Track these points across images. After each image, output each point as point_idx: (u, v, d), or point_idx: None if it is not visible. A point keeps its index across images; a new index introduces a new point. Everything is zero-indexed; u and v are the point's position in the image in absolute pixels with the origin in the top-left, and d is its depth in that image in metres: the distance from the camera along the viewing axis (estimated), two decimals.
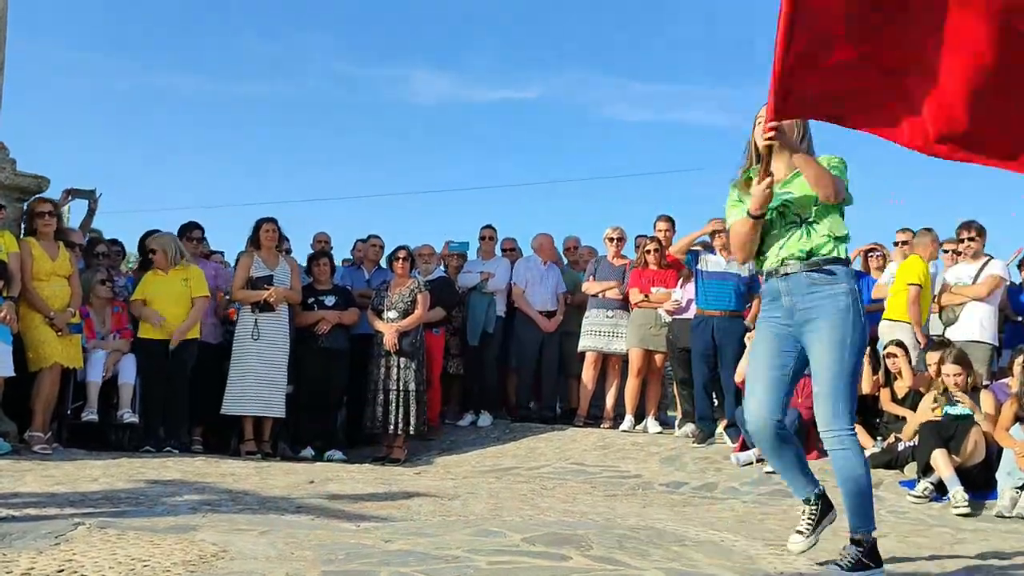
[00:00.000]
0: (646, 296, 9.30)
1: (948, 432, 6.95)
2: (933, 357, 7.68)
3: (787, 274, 4.06)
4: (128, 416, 8.23)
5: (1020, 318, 8.99)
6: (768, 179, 4.00)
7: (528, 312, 9.94)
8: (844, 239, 4.10)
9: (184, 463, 7.24)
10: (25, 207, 8.15)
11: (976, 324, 8.55)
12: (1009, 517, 6.30)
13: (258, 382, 8.62)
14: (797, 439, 4.32)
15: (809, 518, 4.16)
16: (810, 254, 4.03)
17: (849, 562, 3.89)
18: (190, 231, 9.25)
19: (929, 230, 9.05)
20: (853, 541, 3.95)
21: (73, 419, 8.16)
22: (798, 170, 4.07)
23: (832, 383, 3.93)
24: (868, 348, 8.35)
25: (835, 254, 4.04)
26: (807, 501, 4.19)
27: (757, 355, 4.22)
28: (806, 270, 4.02)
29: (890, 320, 8.73)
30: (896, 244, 9.55)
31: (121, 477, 6.12)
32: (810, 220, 4.07)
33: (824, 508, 4.19)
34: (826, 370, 3.94)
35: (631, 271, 9.52)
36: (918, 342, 8.48)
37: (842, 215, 4.13)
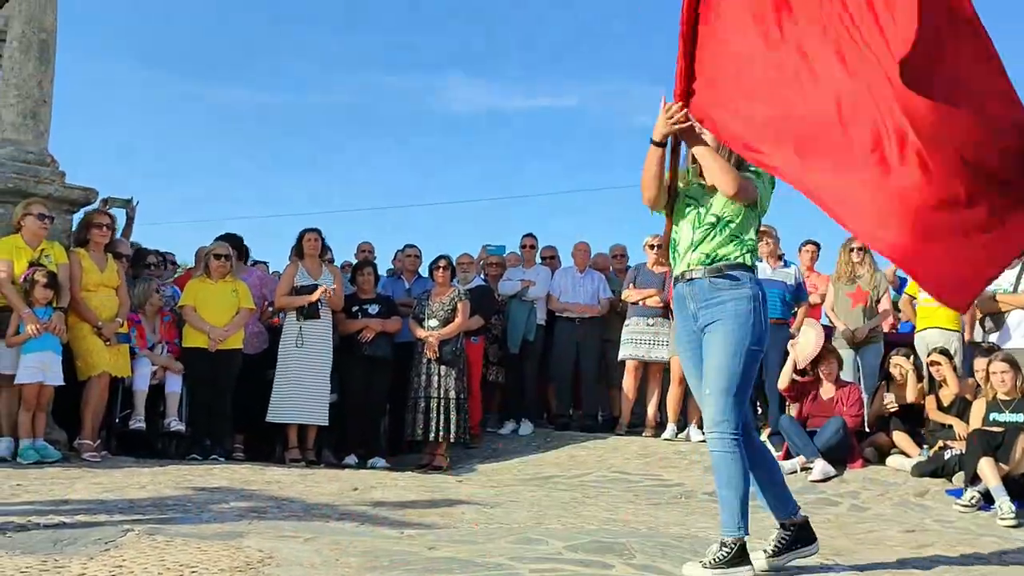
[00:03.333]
0: None
1: (996, 440, 6.86)
2: (981, 363, 7.59)
3: (691, 279, 4.10)
4: (175, 424, 8.34)
5: None
6: (674, 106, 4.01)
7: (565, 307, 9.98)
8: (751, 245, 4.12)
9: (229, 470, 7.32)
10: (73, 219, 8.29)
11: (1020, 331, 8.45)
12: None
13: (302, 390, 8.71)
14: (765, 451, 4.31)
15: (780, 542, 4.14)
16: (715, 259, 4.06)
17: (715, 561, 3.85)
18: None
19: None
20: (721, 541, 3.94)
21: (121, 427, 8.30)
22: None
23: (723, 385, 3.94)
24: (911, 357, 8.32)
25: (741, 260, 4.07)
26: (782, 526, 4.16)
27: (689, 372, 4.25)
28: (709, 276, 4.05)
29: (934, 328, 8.65)
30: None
31: (168, 484, 6.20)
32: (727, 220, 4.09)
33: (801, 537, 4.17)
34: (718, 372, 3.96)
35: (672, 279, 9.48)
36: (968, 345, 8.45)
37: (753, 222, 4.16)
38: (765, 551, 4.10)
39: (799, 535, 4.16)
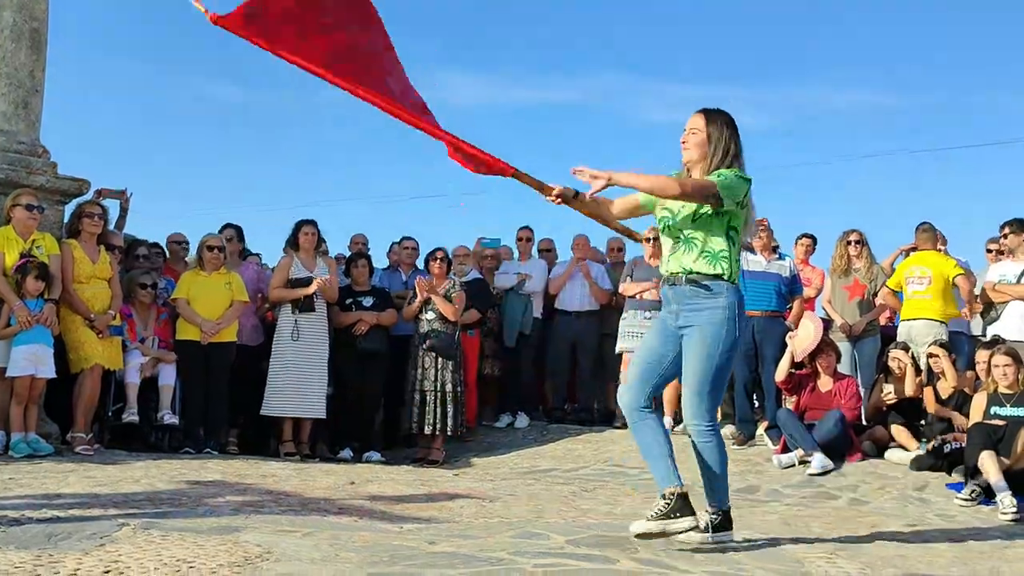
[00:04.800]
0: None
1: (997, 434, 6.82)
2: (983, 356, 7.56)
3: (674, 284, 4.43)
4: (168, 417, 8.27)
5: None
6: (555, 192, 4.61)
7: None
8: (722, 255, 4.34)
9: (224, 464, 7.26)
10: (65, 210, 8.20)
11: (1018, 322, 8.43)
12: None
13: (298, 383, 8.65)
14: (664, 430, 4.56)
15: (659, 509, 4.29)
16: (690, 271, 4.36)
17: (707, 526, 4.37)
18: (223, 232, 9.27)
19: (929, 224, 9.03)
20: (708, 512, 4.43)
21: (114, 420, 8.22)
22: None
23: (699, 385, 4.33)
24: (909, 351, 8.29)
25: (715, 271, 4.34)
26: (663, 495, 4.32)
27: (644, 342, 4.67)
28: (688, 284, 4.37)
29: (920, 319, 8.63)
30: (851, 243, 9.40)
31: (162, 478, 6.13)
32: (689, 236, 4.37)
33: (679, 509, 4.27)
34: (694, 374, 4.34)
35: None
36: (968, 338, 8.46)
37: (724, 230, 4.35)
38: (647, 516, 4.31)
39: (677, 506, 4.29)
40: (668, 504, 4.29)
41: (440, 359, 8.81)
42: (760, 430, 8.76)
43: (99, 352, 7.70)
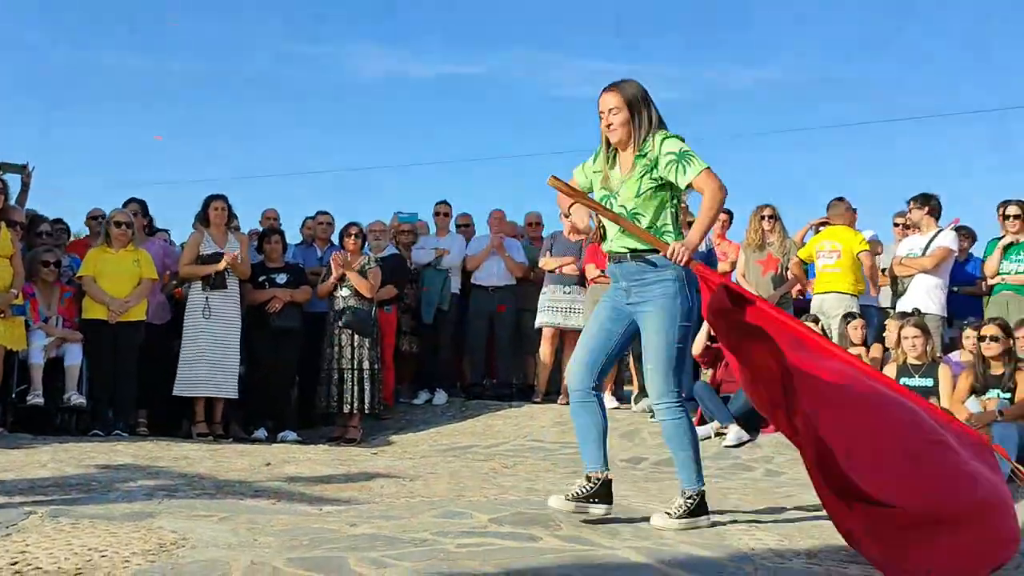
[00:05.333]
0: (603, 271, 9.23)
1: None
2: (893, 327, 7.75)
3: (620, 261, 4.38)
4: (75, 399, 8.05)
5: (955, 289, 9.07)
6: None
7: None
8: (666, 229, 4.30)
9: (135, 447, 7.07)
10: None
11: (924, 296, 8.65)
12: None
13: (210, 362, 8.47)
14: (604, 414, 4.53)
15: (580, 490, 4.33)
16: (634, 249, 4.31)
17: (679, 512, 4.25)
18: (126, 207, 9.00)
19: (842, 199, 9.21)
20: (683, 494, 4.32)
21: (18, 403, 7.95)
22: (631, 167, 4.31)
23: (662, 360, 4.26)
24: (819, 322, 8.45)
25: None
26: (588, 478, 4.37)
27: (594, 320, 4.53)
28: (634, 261, 4.32)
29: (832, 292, 8.80)
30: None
31: (70, 462, 5.94)
32: (636, 212, 4.29)
33: (600, 495, 4.33)
34: (655, 349, 4.27)
35: (587, 247, 9.46)
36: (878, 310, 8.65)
37: (667, 202, 4.32)
38: (566, 495, 4.32)
39: (599, 491, 4.34)
40: (592, 487, 4.30)
41: (356, 336, 8.69)
42: None
43: (1, 332, 7.42)
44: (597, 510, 4.30)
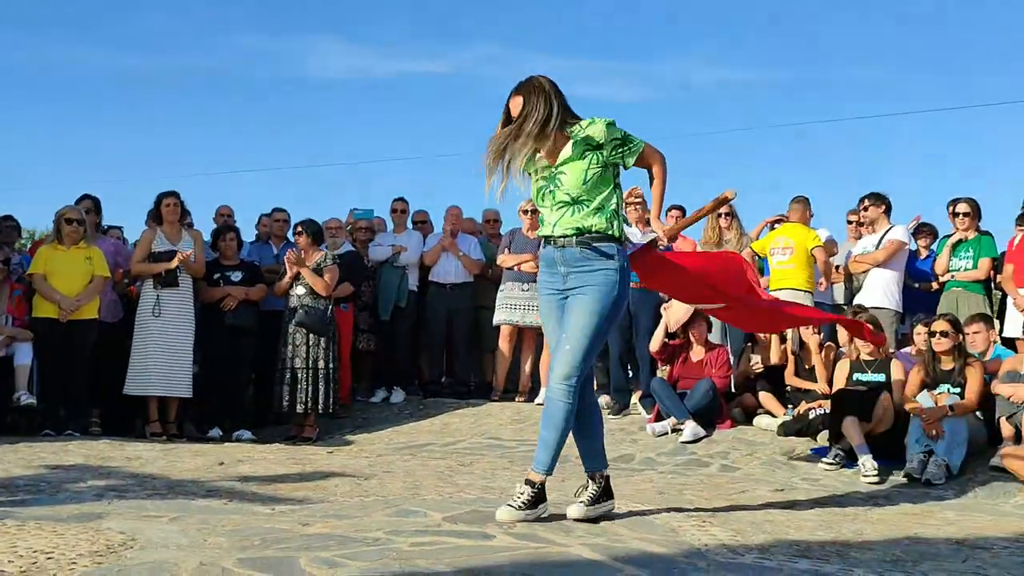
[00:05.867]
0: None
1: (859, 399, 7.06)
2: None
3: (562, 246, 4.29)
4: (25, 398, 7.92)
5: (916, 285, 9.18)
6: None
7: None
8: (613, 211, 4.31)
9: (86, 447, 6.97)
10: None
11: (880, 291, 8.74)
12: (917, 481, 6.44)
13: (162, 361, 8.36)
14: (600, 415, 4.59)
15: (592, 493, 4.37)
16: (582, 230, 4.26)
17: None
18: (79, 204, 8.86)
19: (803, 198, 9.30)
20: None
21: None
22: (570, 155, 4.27)
23: (581, 342, 4.21)
24: None
25: (609, 231, 4.28)
26: (592, 476, 4.43)
27: (547, 322, 4.49)
28: (579, 245, 4.27)
29: (787, 289, 8.85)
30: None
31: (19, 463, 5.84)
32: (581, 199, 4.26)
33: (605, 491, 4.41)
34: (578, 330, 4.22)
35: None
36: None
37: (612, 185, 4.34)
38: (582, 501, 4.32)
39: (606, 489, 4.41)
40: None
41: (312, 335, 8.63)
42: (634, 399, 8.89)
43: None
44: (610, 505, 4.42)
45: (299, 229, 9.03)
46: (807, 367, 8.19)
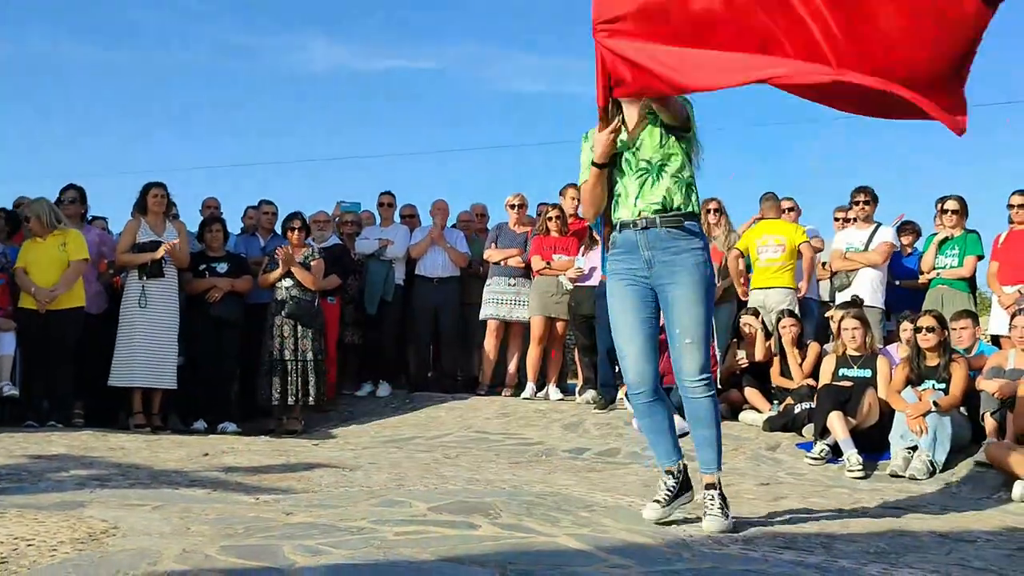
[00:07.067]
0: (548, 264, 9.23)
1: (844, 395, 7.07)
2: (836, 315, 7.86)
3: (645, 227, 4.11)
4: (7, 389, 7.85)
5: (898, 283, 9.21)
6: (612, 125, 4.06)
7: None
8: (692, 184, 4.15)
9: (69, 437, 6.93)
10: None
11: (868, 289, 8.77)
12: (901, 476, 6.46)
13: (147, 352, 8.31)
14: (671, 402, 4.45)
15: (668, 490, 4.24)
16: (665, 207, 4.09)
17: (721, 507, 4.08)
18: (64, 194, 8.82)
19: (771, 194, 9.33)
20: (711, 486, 4.15)
21: None
22: (647, 121, 4.14)
23: (701, 334, 4.09)
24: (759, 316, 8.55)
25: (690, 208, 4.13)
26: (669, 472, 4.29)
27: (625, 312, 4.23)
28: (665, 225, 4.09)
29: (773, 288, 8.87)
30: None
31: (1, 453, 5.80)
32: (660, 164, 4.11)
33: (685, 484, 4.29)
34: (694, 322, 4.08)
35: (533, 239, 9.44)
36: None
37: (687, 158, 4.17)
38: (658, 502, 4.20)
39: (684, 482, 4.28)
40: (677, 482, 4.23)
41: (300, 327, 8.60)
42: (620, 394, 8.87)
43: None
44: (688, 502, 4.28)
45: (296, 224, 9.00)
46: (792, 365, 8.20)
